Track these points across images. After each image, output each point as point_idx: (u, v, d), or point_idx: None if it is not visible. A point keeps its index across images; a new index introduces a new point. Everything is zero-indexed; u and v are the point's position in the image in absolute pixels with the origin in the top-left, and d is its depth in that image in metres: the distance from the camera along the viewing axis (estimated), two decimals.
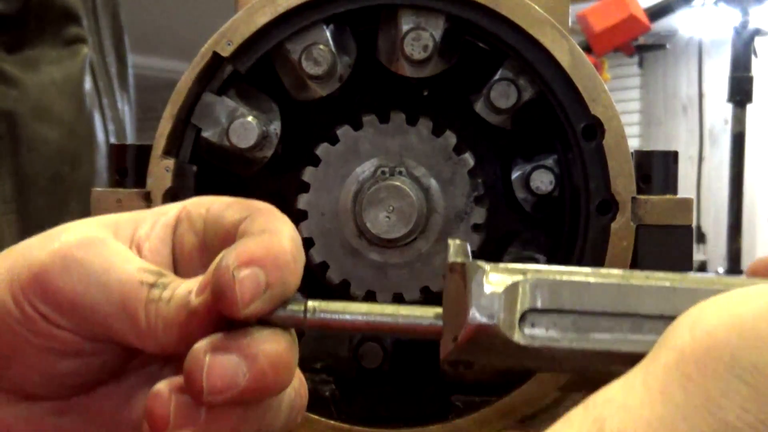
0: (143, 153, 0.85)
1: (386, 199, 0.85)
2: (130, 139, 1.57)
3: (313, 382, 0.85)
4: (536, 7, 0.82)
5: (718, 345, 0.47)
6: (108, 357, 0.61)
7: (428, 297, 0.87)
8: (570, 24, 0.99)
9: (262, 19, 0.83)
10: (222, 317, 0.56)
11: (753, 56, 3.35)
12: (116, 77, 1.54)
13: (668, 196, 0.83)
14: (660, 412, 0.46)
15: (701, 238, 5.96)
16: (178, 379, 0.56)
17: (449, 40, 0.85)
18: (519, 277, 0.57)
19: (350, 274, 0.87)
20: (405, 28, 0.84)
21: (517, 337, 0.56)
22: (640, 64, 4.40)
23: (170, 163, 0.83)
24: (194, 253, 0.62)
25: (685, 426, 0.45)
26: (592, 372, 0.58)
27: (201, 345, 0.55)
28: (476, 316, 0.56)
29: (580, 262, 0.83)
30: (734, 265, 3.40)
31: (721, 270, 3.44)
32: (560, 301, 0.57)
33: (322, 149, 0.88)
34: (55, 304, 0.58)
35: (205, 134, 0.85)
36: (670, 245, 0.82)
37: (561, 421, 0.48)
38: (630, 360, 0.53)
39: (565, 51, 0.82)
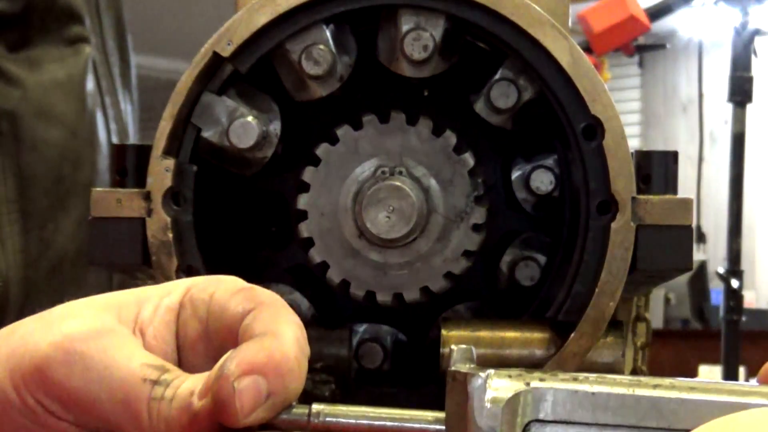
0: (143, 153, 0.85)
1: (386, 199, 0.85)
2: (133, 139, 1.57)
3: (313, 382, 0.85)
4: (536, 7, 0.82)
5: None
6: None
7: (428, 297, 0.87)
8: (570, 24, 0.99)
9: (262, 19, 0.83)
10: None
11: (753, 56, 3.35)
12: (119, 77, 1.54)
13: (668, 196, 0.83)
14: None
15: (701, 238, 5.96)
16: None
17: (449, 40, 0.85)
18: (521, 387, 0.56)
19: (350, 274, 0.87)
20: (405, 28, 0.84)
21: None
22: (640, 64, 4.41)
23: (170, 163, 0.83)
24: (198, 341, 0.62)
25: None
26: None
27: None
28: (476, 427, 0.56)
29: (580, 262, 0.83)
30: (734, 265, 3.40)
31: (721, 270, 3.43)
32: (564, 413, 0.56)
33: (322, 149, 0.88)
34: (56, 397, 0.57)
35: (205, 134, 0.85)
36: (670, 245, 0.82)
37: None
38: None
39: (565, 51, 0.82)
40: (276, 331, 0.58)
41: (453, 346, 0.59)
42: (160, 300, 0.62)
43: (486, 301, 0.93)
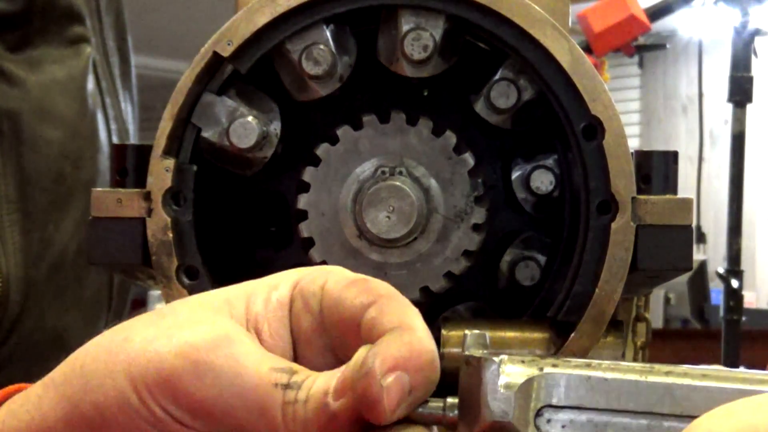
0: (143, 153, 0.85)
1: (386, 199, 0.85)
2: (133, 139, 1.57)
3: None
4: (536, 7, 0.82)
5: None
6: None
7: (428, 297, 0.87)
8: (570, 24, 0.99)
9: (263, 19, 0.83)
10: (361, 417, 0.56)
11: (753, 56, 3.35)
12: (119, 77, 1.54)
13: (668, 196, 0.83)
14: None
15: (701, 238, 5.96)
16: None
17: (449, 40, 0.85)
18: (535, 372, 0.56)
19: None
20: (405, 28, 0.84)
21: None
22: (640, 64, 4.40)
23: (170, 163, 0.83)
24: (312, 334, 0.61)
25: None
26: None
27: None
28: (490, 412, 0.56)
29: (580, 262, 0.83)
30: (734, 265, 3.40)
31: (721, 270, 3.43)
32: (577, 398, 0.56)
33: (322, 149, 0.88)
34: (188, 408, 0.57)
35: (205, 134, 0.85)
36: (670, 245, 0.82)
37: None
38: None
39: (565, 51, 0.82)
40: (410, 324, 0.58)
41: (467, 331, 0.59)
42: (268, 294, 0.62)
43: (486, 301, 0.93)
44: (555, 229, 0.90)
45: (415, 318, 0.59)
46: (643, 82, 7.87)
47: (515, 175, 0.91)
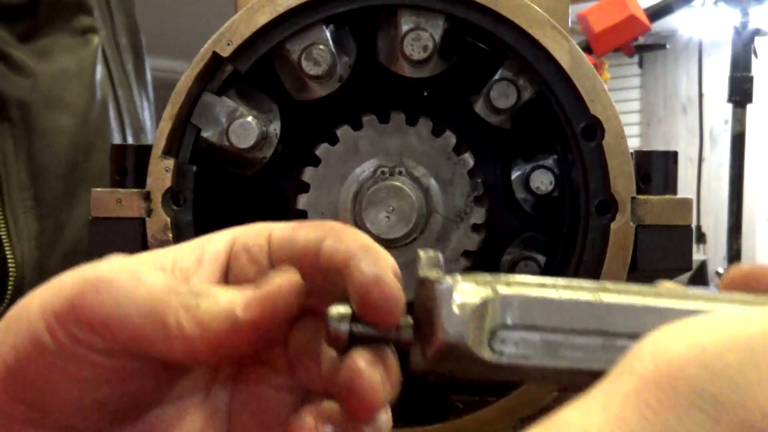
0: (143, 153, 0.85)
1: (386, 199, 0.85)
2: (150, 135, 1.58)
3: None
4: (536, 8, 0.82)
5: (679, 374, 0.47)
6: (145, 381, 0.59)
7: None
8: (570, 24, 0.99)
9: (262, 19, 0.83)
10: (266, 333, 0.56)
11: (753, 56, 3.35)
12: (133, 73, 1.56)
13: (668, 196, 0.83)
14: None
15: (701, 238, 5.95)
16: (317, 408, 0.56)
17: (449, 41, 0.85)
18: (489, 293, 0.56)
19: None
20: (405, 28, 0.84)
21: (486, 355, 0.56)
22: (640, 64, 4.40)
23: (170, 163, 0.83)
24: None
25: None
26: (565, 385, 0.57)
27: (368, 366, 0.56)
28: (444, 333, 0.56)
29: (579, 262, 0.83)
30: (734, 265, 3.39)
31: (721, 270, 3.43)
32: (530, 318, 0.56)
33: (321, 149, 0.88)
34: (87, 325, 0.57)
35: (205, 134, 0.85)
36: (669, 245, 0.82)
37: None
38: (600, 377, 0.52)
39: (564, 51, 0.82)
40: (371, 245, 0.58)
41: (420, 251, 0.58)
42: (200, 252, 0.62)
43: None
44: (555, 229, 0.90)
45: (372, 242, 0.58)
46: (643, 82, 7.87)
47: (515, 175, 0.91)
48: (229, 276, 0.61)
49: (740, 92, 3.30)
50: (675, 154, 0.86)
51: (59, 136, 1.37)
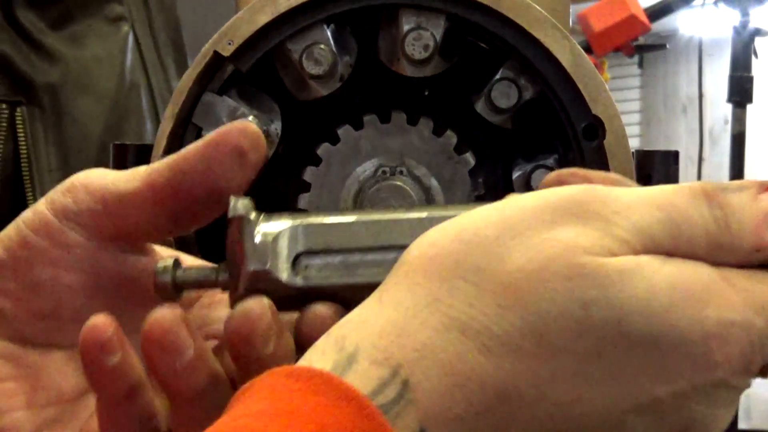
0: (144, 152, 0.85)
1: (387, 198, 0.85)
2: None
3: None
4: (537, 7, 0.82)
5: (441, 252, 0.52)
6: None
7: None
8: (570, 24, 0.99)
9: (263, 18, 0.83)
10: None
11: (753, 56, 3.35)
12: (174, 66, 1.59)
13: None
14: (392, 317, 0.50)
15: None
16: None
17: (450, 40, 0.85)
18: (289, 224, 0.63)
19: None
20: (406, 27, 0.84)
21: (291, 279, 0.62)
22: (640, 64, 4.39)
23: None
24: None
25: (415, 323, 0.49)
26: None
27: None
28: (250, 264, 0.61)
29: None
30: None
31: None
32: (328, 242, 0.63)
33: (322, 149, 0.88)
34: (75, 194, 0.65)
35: (206, 134, 0.85)
36: None
37: (309, 349, 0.52)
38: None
39: (566, 51, 0.82)
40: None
41: (231, 197, 0.63)
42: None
43: None
44: None
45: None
46: (643, 82, 7.86)
47: (516, 174, 0.91)
48: None
49: (740, 92, 3.30)
50: (676, 154, 0.86)
51: (89, 120, 1.42)
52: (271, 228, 0.63)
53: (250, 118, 0.85)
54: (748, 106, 3.33)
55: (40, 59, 1.38)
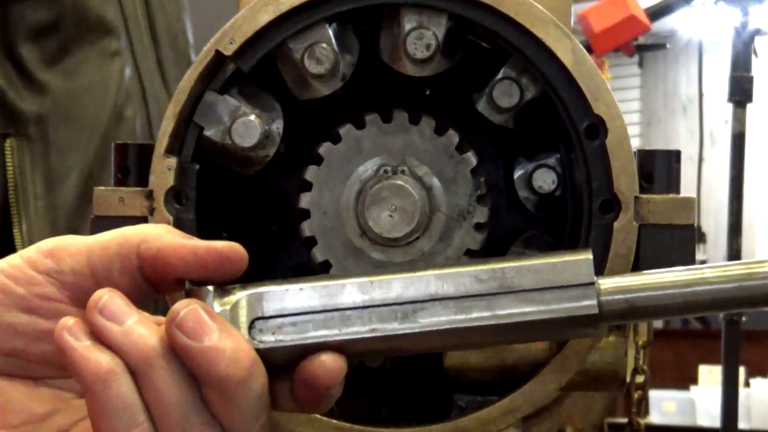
0: (145, 152, 0.85)
1: (389, 198, 0.85)
2: None
3: None
4: (539, 6, 0.82)
5: None
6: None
7: None
8: (572, 23, 0.99)
9: (265, 17, 0.83)
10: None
11: (753, 56, 3.34)
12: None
13: (671, 196, 0.83)
14: None
15: (701, 238, 5.96)
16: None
17: (452, 39, 0.85)
18: (242, 294, 0.70)
19: (352, 273, 0.87)
20: (407, 27, 0.84)
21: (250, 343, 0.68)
22: (640, 64, 4.40)
23: (172, 161, 0.83)
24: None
25: None
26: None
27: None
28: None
29: None
30: None
31: None
32: (280, 308, 0.70)
33: (324, 148, 0.88)
34: (49, 253, 0.71)
35: (208, 133, 0.85)
36: (672, 244, 0.82)
37: None
38: (343, 346, 0.70)
39: (567, 50, 0.82)
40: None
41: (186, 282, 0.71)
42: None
43: None
44: (557, 228, 0.90)
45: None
46: (643, 82, 7.87)
47: (517, 174, 0.91)
48: None
49: (740, 92, 3.29)
50: (678, 154, 0.86)
51: (76, 151, 1.48)
52: (227, 298, 0.69)
53: (252, 117, 0.85)
54: (748, 106, 3.33)
55: (31, 91, 1.43)
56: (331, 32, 0.85)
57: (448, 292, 0.72)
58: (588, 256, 0.73)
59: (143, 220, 0.84)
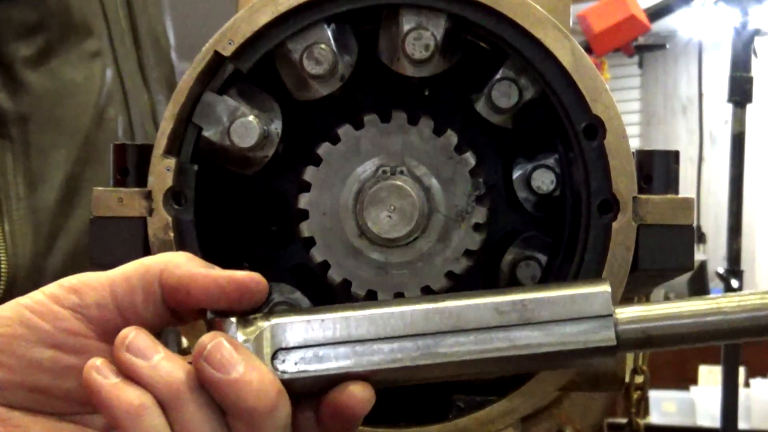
0: (144, 152, 0.85)
1: (387, 198, 0.85)
2: None
3: None
4: (538, 7, 0.82)
5: None
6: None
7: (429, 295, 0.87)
8: (570, 24, 0.99)
9: (264, 18, 0.83)
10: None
11: (753, 56, 3.34)
12: (165, 103, 1.63)
13: (670, 196, 0.83)
14: None
15: (701, 238, 5.95)
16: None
17: (450, 40, 0.85)
18: (265, 324, 0.71)
19: (351, 273, 0.87)
20: (406, 27, 0.84)
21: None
22: (640, 64, 4.39)
23: (171, 162, 0.83)
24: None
25: None
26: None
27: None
28: None
29: (581, 262, 0.83)
30: (734, 265, 3.39)
31: (720, 270, 3.43)
32: (302, 339, 0.72)
33: (323, 148, 0.88)
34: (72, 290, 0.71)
35: (206, 134, 0.85)
36: (671, 245, 0.82)
37: None
38: (366, 376, 0.71)
39: (566, 50, 0.82)
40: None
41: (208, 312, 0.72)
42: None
43: None
44: (556, 229, 0.90)
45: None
46: (643, 82, 7.87)
47: (516, 174, 0.91)
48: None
49: (740, 92, 3.30)
50: (676, 154, 0.86)
51: (58, 152, 1.47)
52: (250, 329, 0.71)
53: (250, 117, 0.85)
54: (748, 106, 3.33)
55: (13, 92, 1.44)
56: (329, 33, 0.85)
57: (469, 324, 0.74)
58: (606, 288, 0.75)
59: (142, 220, 0.84)
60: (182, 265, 0.71)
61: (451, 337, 0.74)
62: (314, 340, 0.72)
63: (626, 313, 0.75)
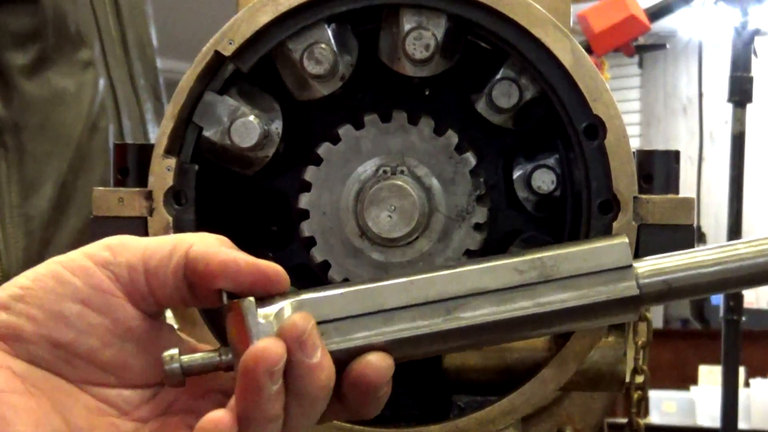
0: (145, 152, 0.85)
1: (388, 198, 0.85)
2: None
3: None
4: (538, 7, 0.82)
5: None
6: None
7: None
8: (571, 24, 0.99)
9: (264, 18, 0.83)
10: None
11: (753, 56, 3.34)
12: (151, 111, 1.64)
13: (670, 196, 0.83)
14: None
15: (701, 238, 5.95)
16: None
17: (451, 40, 0.85)
18: (284, 302, 0.69)
19: (352, 273, 0.87)
20: (407, 27, 0.84)
21: None
22: (640, 64, 4.40)
23: (172, 162, 0.83)
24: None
25: None
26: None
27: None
28: (257, 341, 0.66)
29: None
30: None
31: None
32: (322, 313, 0.70)
33: (323, 148, 0.88)
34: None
35: (207, 133, 0.85)
36: (671, 245, 0.82)
37: None
38: (392, 346, 0.70)
39: (566, 50, 0.82)
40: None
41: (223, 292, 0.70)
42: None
43: None
44: (556, 229, 0.90)
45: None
46: (643, 82, 7.86)
47: (517, 174, 0.91)
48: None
49: (740, 92, 3.29)
50: (677, 154, 0.86)
51: (51, 160, 1.50)
52: (270, 307, 0.69)
53: (251, 117, 0.85)
54: (748, 106, 3.33)
55: (8, 100, 1.44)
56: (330, 33, 0.85)
57: (489, 285, 0.72)
58: (624, 240, 0.74)
59: (142, 220, 0.84)
60: (211, 244, 0.71)
61: (473, 300, 0.72)
62: (335, 314, 0.70)
63: (646, 264, 0.74)
